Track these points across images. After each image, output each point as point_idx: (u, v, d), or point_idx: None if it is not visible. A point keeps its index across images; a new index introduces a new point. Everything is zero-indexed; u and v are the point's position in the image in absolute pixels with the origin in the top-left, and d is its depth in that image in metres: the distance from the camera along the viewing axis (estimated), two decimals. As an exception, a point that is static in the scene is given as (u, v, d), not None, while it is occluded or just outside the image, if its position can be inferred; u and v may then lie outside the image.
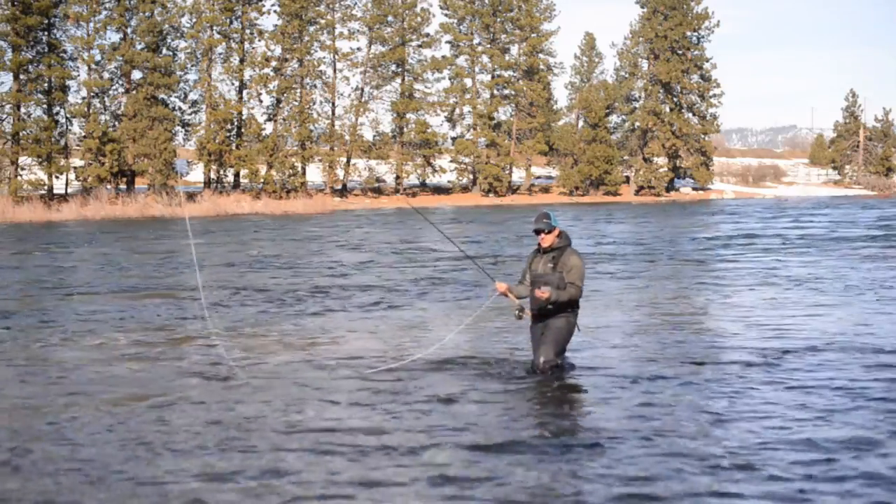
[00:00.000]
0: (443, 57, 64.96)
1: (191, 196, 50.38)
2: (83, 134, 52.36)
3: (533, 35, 65.95)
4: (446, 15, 66.12)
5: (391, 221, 39.10)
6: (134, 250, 23.71)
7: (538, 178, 70.89)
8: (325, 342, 9.98)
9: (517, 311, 8.13)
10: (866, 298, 12.98)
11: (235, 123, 57.61)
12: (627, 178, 69.65)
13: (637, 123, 69.93)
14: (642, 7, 70.26)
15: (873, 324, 10.71)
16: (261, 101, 59.63)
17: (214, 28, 57.23)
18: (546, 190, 69.31)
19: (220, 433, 6.42)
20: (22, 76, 50.41)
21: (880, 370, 8.18)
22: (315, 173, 62.17)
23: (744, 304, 12.66)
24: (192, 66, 56.74)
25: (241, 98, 58.41)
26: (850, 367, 8.33)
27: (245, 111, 58.47)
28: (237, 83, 58.32)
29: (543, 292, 7.72)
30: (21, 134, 50.27)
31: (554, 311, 7.92)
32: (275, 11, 58.73)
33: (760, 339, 9.78)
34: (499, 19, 65.47)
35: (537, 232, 8.00)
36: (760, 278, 15.75)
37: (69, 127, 53.72)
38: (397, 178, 63.40)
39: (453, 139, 65.71)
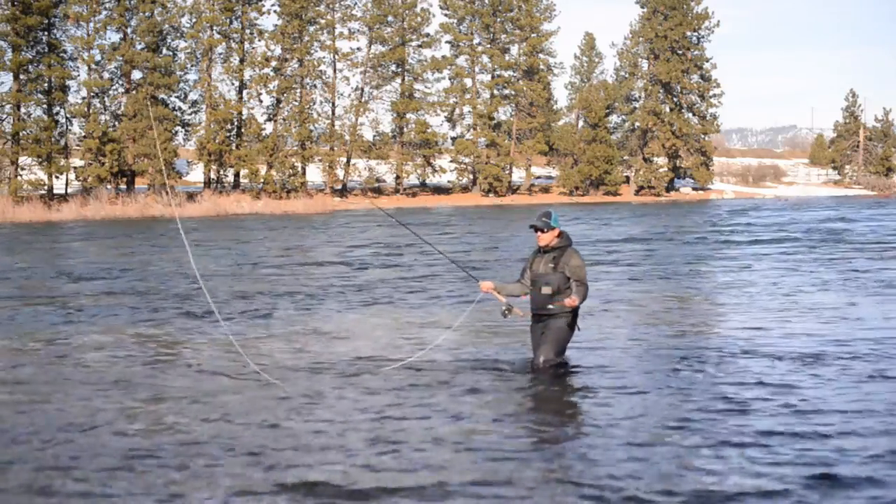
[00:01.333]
0: (443, 57, 64.97)
1: (191, 196, 50.39)
2: (83, 134, 52.37)
3: (533, 35, 65.94)
4: (446, 15, 66.14)
5: (390, 222, 39.04)
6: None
7: (538, 178, 70.89)
8: (318, 343, 9.97)
9: (504, 310, 8.13)
10: (868, 299, 13.00)
11: (235, 123, 57.62)
12: (627, 178, 69.63)
13: (637, 123, 69.94)
14: (642, 7, 70.26)
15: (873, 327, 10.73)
16: (261, 101, 59.73)
17: (214, 28, 57.23)
18: (546, 190, 69.30)
19: (206, 435, 6.42)
20: (22, 76, 50.42)
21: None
22: (315, 173, 62.16)
23: (741, 303, 12.66)
24: (192, 66, 56.77)
25: (241, 98, 58.43)
26: (859, 370, 8.34)
27: (245, 111, 58.49)
28: (237, 83, 58.35)
29: (574, 300, 7.78)
30: (21, 134, 50.27)
31: (554, 311, 7.94)
32: (275, 11, 58.77)
33: (759, 338, 9.78)
34: (499, 19, 65.47)
35: (535, 229, 8.01)
36: (758, 279, 15.75)
37: (69, 127, 53.76)
38: (397, 178, 63.40)
39: (453, 139, 65.70)
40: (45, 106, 51.77)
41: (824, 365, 8.40)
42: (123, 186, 52.89)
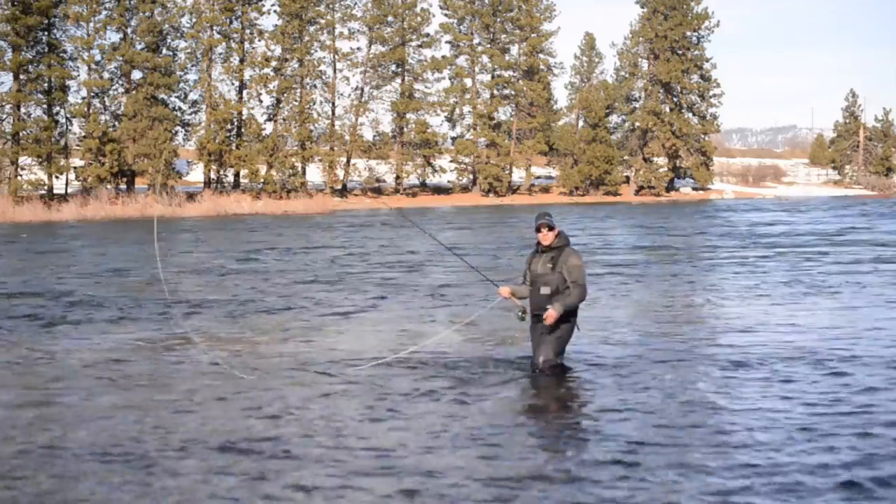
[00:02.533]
0: (443, 57, 64.98)
1: (191, 196, 50.40)
2: (83, 134, 52.38)
3: (533, 35, 65.96)
4: (446, 15, 66.16)
5: (392, 222, 39.05)
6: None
7: (538, 178, 70.90)
8: (323, 341, 9.98)
9: (520, 313, 8.09)
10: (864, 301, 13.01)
11: (235, 123, 57.64)
12: (627, 178, 69.65)
13: (637, 123, 69.96)
14: (642, 7, 70.28)
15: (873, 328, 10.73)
16: (261, 101, 59.75)
17: (214, 28, 57.25)
18: (546, 190, 69.30)
19: (216, 432, 6.42)
20: (22, 76, 50.44)
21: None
22: (315, 173, 62.18)
23: (741, 304, 12.67)
24: (192, 66, 56.80)
25: (241, 98, 58.42)
26: (852, 370, 8.34)
27: (245, 111, 58.48)
28: (237, 83, 58.35)
29: (550, 316, 7.70)
30: (21, 134, 50.30)
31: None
32: (275, 11, 58.79)
33: (756, 338, 9.79)
34: (499, 19, 65.49)
35: (538, 229, 7.98)
36: (757, 280, 15.76)
37: (69, 127, 53.79)
38: (397, 178, 63.41)
39: (453, 139, 65.73)
40: (45, 106, 51.80)
41: (823, 367, 8.40)
42: (123, 186, 52.89)
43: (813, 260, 18.94)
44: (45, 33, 51.54)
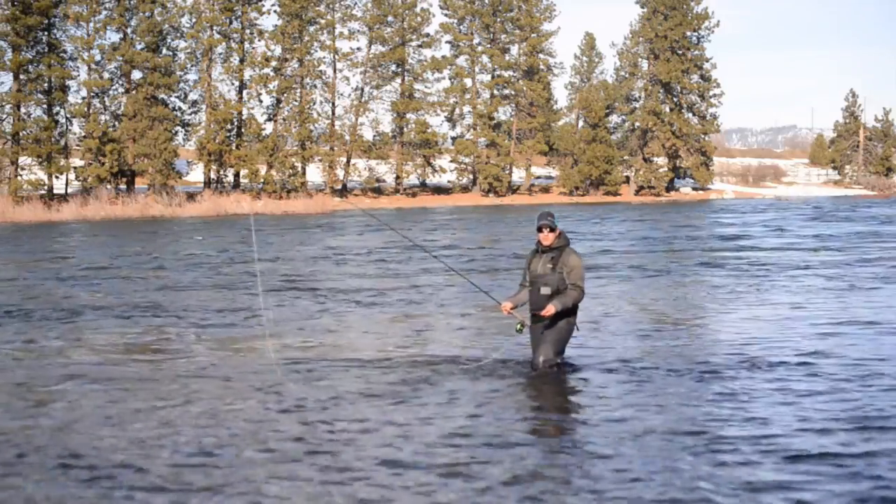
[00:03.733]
0: (443, 57, 64.97)
1: (191, 196, 50.40)
2: (83, 134, 52.38)
3: (533, 35, 65.95)
4: (446, 15, 66.14)
5: (391, 224, 39.07)
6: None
7: (538, 178, 70.87)
8: (330, 342, 9.99)
9: (518, 327, 8.05)
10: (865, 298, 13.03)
11: (235, 123, 57.63)
12: (627, 178, 69.63)
13: (637, 123, 69.92)
14: (642, 7, 70.25)
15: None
16: (261, 102, 59.74)
17: (214, 28, 57.24)
18: (546, 190, 69.29)
19: (221, 433, 6.43)
20: (22, 76, 50.44)
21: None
22: (315, 173, 62.17)
23: (740, 306, 12.68)
24: (192, 66, 56.79)
25: (241, 98, 58.41)
26: (841, 375, 8.35)
27: (245, 111, 58.47)
28: (237, 83, 58.34)
29: (548, 310, 7.72)
30: (21, 134, 50.29)
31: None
32: (275, 11, 58.78)
33: (754, 340, 9.80)
34: (499, 19, 65.47)
35: (540, 229, 7.97)
36: (757, 281, 15.77)
37: (69, 127, 53.79)
38: (397, 178, 63.40)
39: (453, 139, 65.71)
40: (45, 106, 51.80)
41: (824, 368, 8.41)
42: (123, 186, 52.89)
43: (804, 263, 18.99)
44: (45, 33, 51.52)
